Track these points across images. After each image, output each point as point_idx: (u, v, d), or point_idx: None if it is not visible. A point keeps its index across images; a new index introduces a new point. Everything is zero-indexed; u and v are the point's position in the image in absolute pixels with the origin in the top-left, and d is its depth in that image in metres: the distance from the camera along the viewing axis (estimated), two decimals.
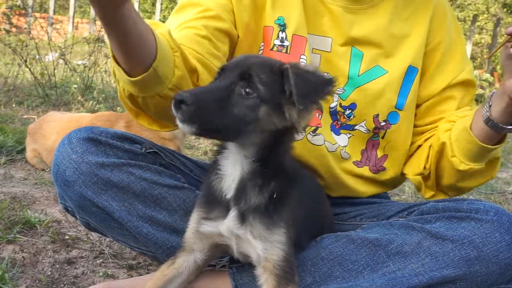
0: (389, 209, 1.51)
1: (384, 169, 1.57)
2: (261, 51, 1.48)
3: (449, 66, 1.53)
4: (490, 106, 1.30)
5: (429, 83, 1.53)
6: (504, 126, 1.29)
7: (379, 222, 1.40)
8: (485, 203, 1.29)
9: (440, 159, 1.47)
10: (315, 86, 1.06)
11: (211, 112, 1.02)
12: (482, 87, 11.28)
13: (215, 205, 1.19)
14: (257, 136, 1.09)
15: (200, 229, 1.22)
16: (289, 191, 1.18)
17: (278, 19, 1.46)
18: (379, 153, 1.56)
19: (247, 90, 1.05)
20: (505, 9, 15.29)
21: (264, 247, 1.14)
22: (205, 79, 1.32)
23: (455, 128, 1.43)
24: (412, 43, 1.50)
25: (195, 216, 1.24)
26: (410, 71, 1.50)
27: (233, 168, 1.15)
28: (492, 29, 16.35)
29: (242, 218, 1.16)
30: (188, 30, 1.37)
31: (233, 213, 1.16)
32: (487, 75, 11.71)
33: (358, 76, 1.48)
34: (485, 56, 14.84)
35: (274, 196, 1.14)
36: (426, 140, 1.54)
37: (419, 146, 1.56)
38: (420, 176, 1.53)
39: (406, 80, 1.50)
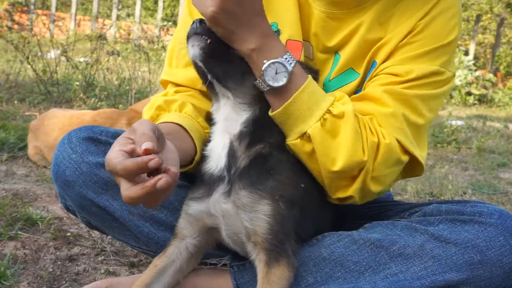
0: (390, 208, 1.50)
1: None
2: None
3: (410, 52, 1.31)
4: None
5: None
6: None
7: (381, 222, 1.39)
8: (489, 205, 1.28)
9: None
10: None
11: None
12: (485, 87, 11.27)
13: (202, 185, 1.22)
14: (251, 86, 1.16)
15: (189, 211, 1.22)
16: (280, 161, 1.18)
17: (271, 25, 1.39)
18: None
19: None
20: (508, 9, 15.24)
21: (250, 217, 1.14)
22: None
23: None
24: (386, 47, 1.33)
25: (186, 199, 1.26)
26: (373, 65, 1.36)
27: (222, 136, 1.21)
28: (495, 29, 16.31)
29: (229, 192, 1.17)
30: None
31: (220, 189, 1.18)
32: (490, 75, 11.69)
33: (329, 81, 1.40)
34: (488, 56, 14.77)
35: (262, 152, 1.17)
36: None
37: None
38: None
39: (369, 73, 1.37)
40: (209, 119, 1.32)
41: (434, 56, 1.29)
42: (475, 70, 11.51)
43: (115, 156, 0.96)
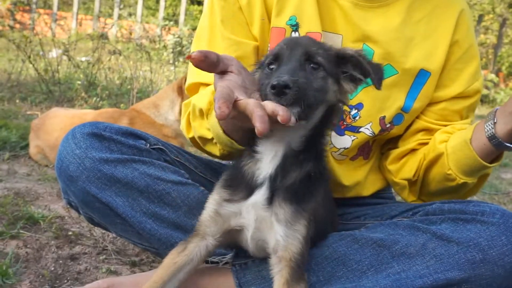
0: (393, 209, 1.49)
1: (371, 149, 1.58)
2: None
3: (465, 71, 1.50)
4: (495, 123, 1.28)
5: (444, 84, 1.50)
6: (508, 145, 1.28)
7: (383, 221, 1.39)
8: (491, 205, 1.27)
9: (431, 168, 1.46)
10: (383, 71, 1.14)
11: (307, 90, 1.04)
12: (487, 88, 11.25)
13: (241, 188, 1.16)
14: (320, 110, 1.12)
15: (220, 211, 1.18)
16: (320, 182, 1.18)
17: (289, 20, 1.44)
18: (370, 141, 1.57)
19: (314, 66, 1.09)
20: (511, 9, 15.21)
21: (286, 233, 1.12)
22: None
23: (452, 140, 1.41)
24: (426, 46, 1.46)
25: (215, 198, 1.20)
26: (422, 74, 1.47)
27: (278, 143, 1.13)
28: (497, 29, 16.28)
29: (270, 200, 1.13)
30: None
31: (262, 193, 1.13)
32: (492, 76, 11.67)
33: None
34: (490, 57, 14.75)
35: (312, 175, 1.15)
36: (419, 144, 1.52)
37: (412, 150, 1.53)
38: (407, 181, 1.52)
39: (416, 83, 1.47)
40: None
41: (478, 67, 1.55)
42: None
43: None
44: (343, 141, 1.49)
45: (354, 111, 1.48)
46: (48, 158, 2.97)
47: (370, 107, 1.46)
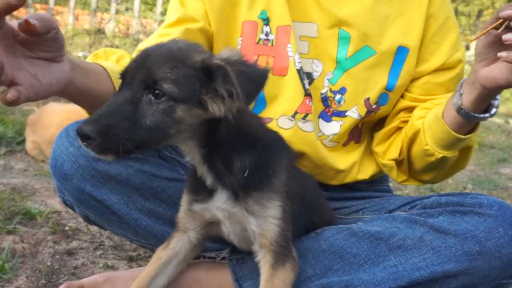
0: (391, 203, 1.49)
1: (361, 132, 1.58)
2: (239, 46, 1.46)
3: (444, 43, 1.49)
4: (461, 94, 1.28)
5: (424, 58, 1.49)
6: (475, 115, 1.27)
7: (381, 215, 1.38)
8: (489, 197, 1.27)
9: (412, 145, 1.46)
10: (258, 82, 0.97)
11: (121, 134, 0.93)
12: None
13: (202, 189, 1.16)
14: (187, 132, 1.02)
15: (192, 208, 1.20)
16: (271, 161, 1.14)
17: (261, 14, 1.45)
18: (359, 124, 1.57)
19: (155, 96, 0.95)
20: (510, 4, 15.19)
21: (258, 222, 1.12)
22: None
23: (428, 115, 1.41)
24: (402, 23, 1.47)
25: (185, 199, 1.23)
26: (400, 51, 1.47)
27: (194, 157, 1.11)
28: None
29: (235, 196, 1.13)
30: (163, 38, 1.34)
31: (222, 195, 1.14)
32: None
33: (346, 59, 1.46)
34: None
35: (247, 170, 1.10)
36: (402, 122, 1.52)
37: (397, 130, 1.53)
38: (394, 162, 1.52)
39: (397, 60, 1.47)
40: None
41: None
42: None
43: None
44: (331, 127, 1.50)
45: (338, 96, 1.48)
46: (44, 153, 2.96)
47: (353, 90, 1.47)
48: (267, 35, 1.45)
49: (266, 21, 1.45)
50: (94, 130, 0.92)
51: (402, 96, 1.53)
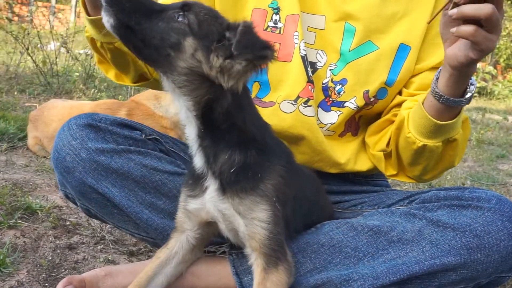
0: (390, 197, 1.50)
1: (359, 126, 1.59)
2: None
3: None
4: (437, 79, 1.28)
5: (423, 58, 1.51)
6: (450, 98, 1.25)
7: (380, 209, 1.39)
8: (487, 191, 1.28)
9: (399, 135, 1.46)
10: (256, 43, 1.01)
11: (135, 9, 1.02)
12: (485, 80, 11.24)
13: (197, 181, 1.17)
14: (183, 71, 1.04)
15: (187, 207, 1.21)
16: (263, 166, 1.13)
17: (272, 3, 1.48)
18: (356, 117, 1.58)
19: (179, 17, 1.05)
20: (509, 1, 15.14)
21: (246, 223, 1.12)
22: None
23: (414, 105, 1.42)
24: (408, 22, 1.49)
25: (182, 195, 1.23)
26: (402, 48, 1.49)
27: (190, 129, 1.13)
28: None
29: (223, 190, 1.13)
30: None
31: (212, 185, 1.14)
32: (490, 68, 11.65)
33: (349, 51, 1.49)
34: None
35: (235, 168, 1.11)
36: (394, 115, 1.52)
37: (390, 122, 1.53)
38: (382, 153, 1.51)
39: (398, 57, 1.49)
40: None
41: None
42: None
43: None
44: (329, 117, 1.52)
45: (338, 87, 1.50)
46: (46, 149, 2.97)
47: (354, 81, 1.49)
48: (275, 23, 1.48)
49: (276, 10, 1.48)
50: None
51: (399, 93, 1.54)
